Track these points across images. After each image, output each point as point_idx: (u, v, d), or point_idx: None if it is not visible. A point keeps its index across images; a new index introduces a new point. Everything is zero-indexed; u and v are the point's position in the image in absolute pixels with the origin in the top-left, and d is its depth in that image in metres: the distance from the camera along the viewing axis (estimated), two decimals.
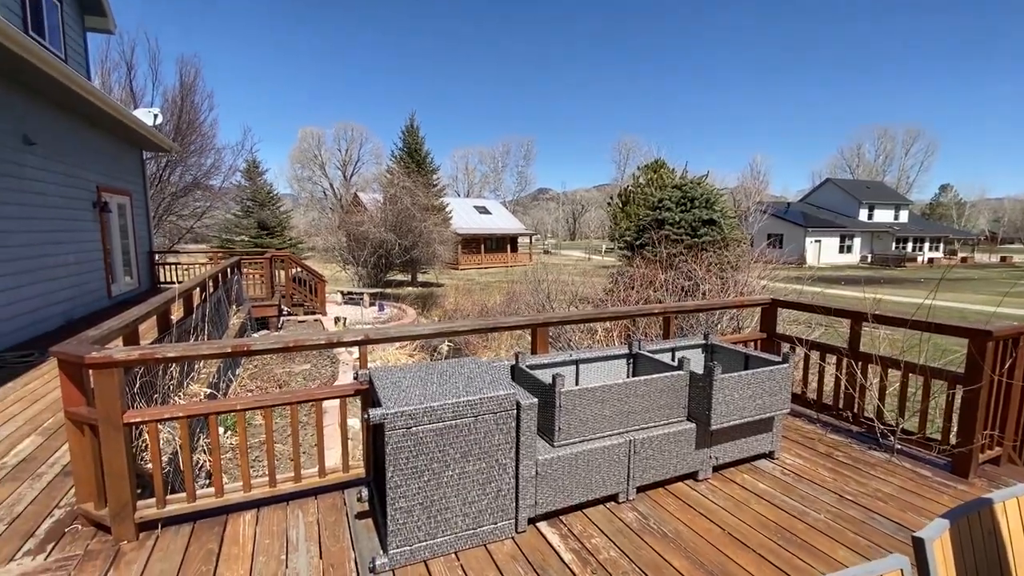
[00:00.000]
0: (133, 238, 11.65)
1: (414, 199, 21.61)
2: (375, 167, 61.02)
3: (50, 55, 6.14)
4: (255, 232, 24.46)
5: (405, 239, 20.99)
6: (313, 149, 60.56)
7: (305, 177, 60.43)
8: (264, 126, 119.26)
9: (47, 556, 2.31)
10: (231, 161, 21.46)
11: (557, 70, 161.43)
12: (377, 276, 21.70)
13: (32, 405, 4.31)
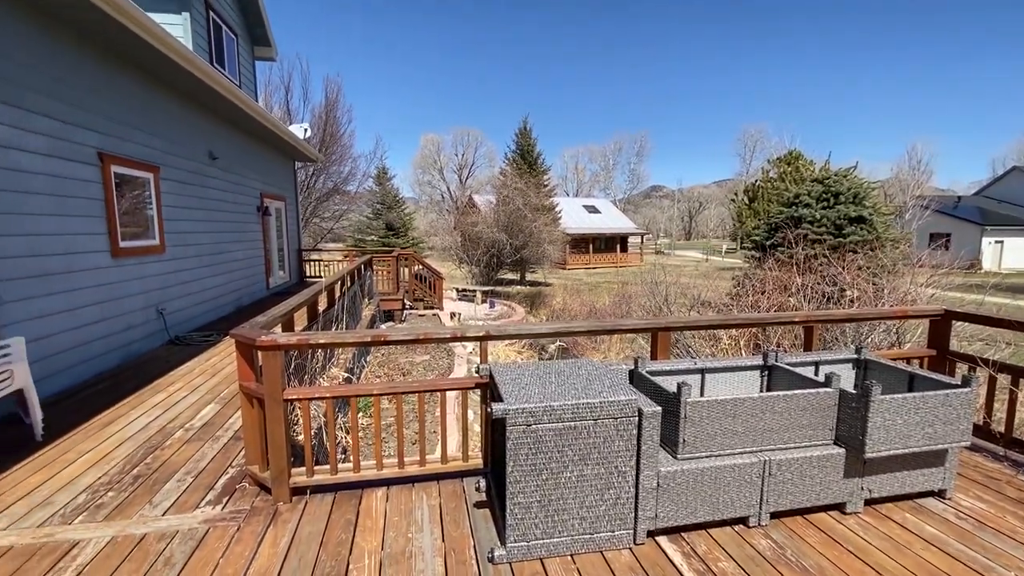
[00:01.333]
0: (286, 238, 13.39)
1: (525, 200, 22.04)
2: (488, 170, 63.32)
3: (230, 83, 7.28)
4: (383, 232, 26.74)
5: (516, 239, 21.49)
6: (433, 155, 64.51)
7: (425, 181, 64.57)
8: (393, 136, 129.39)
9: (223, 507, 2.73)
10: (364, 168, 23.74)
11: (673, 60, 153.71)
12: (488, 274, 22.51)
13: (212, 378, 5.13)
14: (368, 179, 25.42)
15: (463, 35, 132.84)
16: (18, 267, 4.20)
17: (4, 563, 2.27)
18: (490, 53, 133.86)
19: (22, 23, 4.28)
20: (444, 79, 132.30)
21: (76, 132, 4.96)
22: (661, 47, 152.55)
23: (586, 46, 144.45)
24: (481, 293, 17.45)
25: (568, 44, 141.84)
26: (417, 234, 29.86)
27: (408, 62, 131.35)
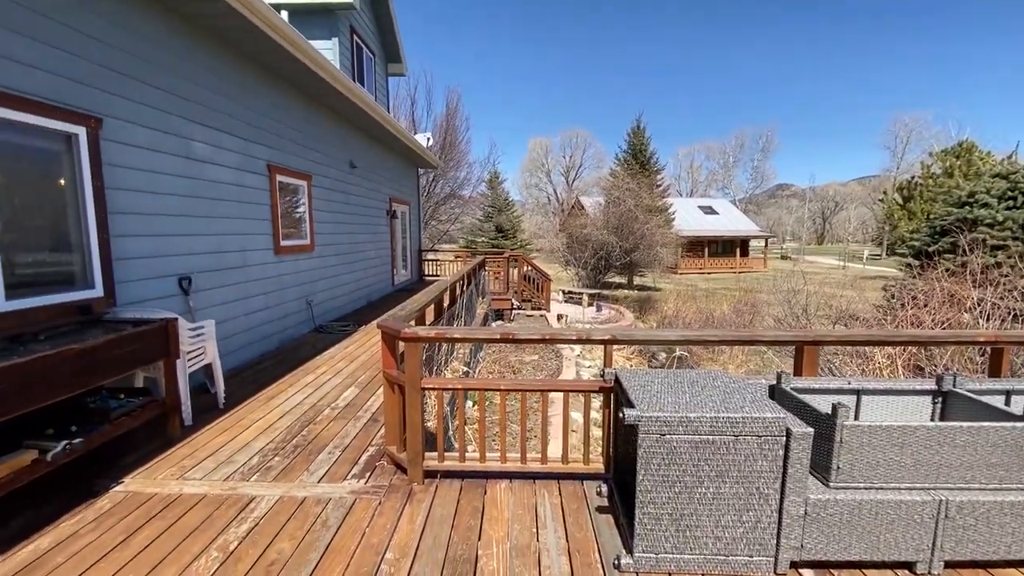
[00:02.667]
0: (409, 239, 14.46)
1: (637, 201, 21.40)
2: (596, 171, 62.48)
3: (370, 99, 8.05)
4: (492, 234, 27.72)
5: (626, 241, 20.96)
6: (540, 158, 65.29)
7: (532, 184, 65.55)
8: (504, 141, 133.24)
9: (366, 481, 3.02)
10: (479, 173, 24.81)
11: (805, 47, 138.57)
12: (596, 277, 22.23)
13: (350, 364, 5.71)
14: (481, 184, 26.53)
15: (574, 36, 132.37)
16: (209, 261, 5.04)
17: (201, 508, 2.73)
18: (603, 53, 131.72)
19: (219, 60, 5.13)
20: (556, 82, 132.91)
21: (253, 148, 5.83)
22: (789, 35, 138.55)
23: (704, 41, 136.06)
24: (588, 296, 17.29)
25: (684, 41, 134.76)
26: (525, 236, 30.47)
27: (521, 67, 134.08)
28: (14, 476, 2.44)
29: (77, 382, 2.72)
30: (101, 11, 3.70)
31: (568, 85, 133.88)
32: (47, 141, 3.33)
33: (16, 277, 3.09)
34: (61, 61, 3.38)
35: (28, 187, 3.22)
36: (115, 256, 3.82)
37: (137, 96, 4.05)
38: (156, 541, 2.43)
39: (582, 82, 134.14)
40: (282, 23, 5.07)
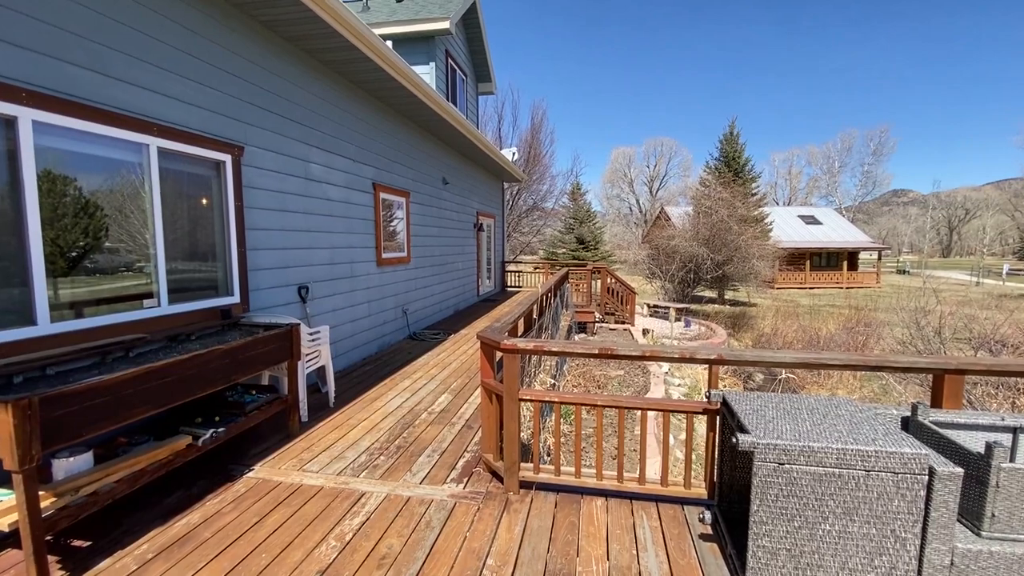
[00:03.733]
0: (493, 251, 14.83)
1: (731, 211, 20.26)
2: (681, 180, 60.17)
3: (463, 118, 8.43)
4: (574, 246, 27.59)
5: (718, 253, 19.88)
6: (623, 167, 64.08)
7: (614, 195, 64.45)
8: (586, 152, 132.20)
9: (464, 486, 3.13)
10: (561, 186, 24.90)
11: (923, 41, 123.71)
12: (683, 291, 21.30)
13: (442, 371, 5.95)
14: (563, 196, 26.58)
15: (663, 41, 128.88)
16: (323, 272, 5.53)
17: (319, 499, 2.98)
18: (693, 58, 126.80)
19: (334, 90, 5.66)
20: (642, 90, 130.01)
21: (361, 168, 6.34)
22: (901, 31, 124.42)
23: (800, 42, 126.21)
24: (675, 310, 16.60)
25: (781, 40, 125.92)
26: (607, 248, 29.97)
27: (606, 77, 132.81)
28: (173, 457, 2.83)
29: (223, 378, 3.11)
30: (249, 55, 4.24)
31: (655, 92, 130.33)
32: (201, 168, 3.87)
33: (175, 284, 3.61)
34: (214, 98, 3.92)
35: (186, 208, 3.75)
36: (250, 267, 4.32)
37: (269, 125, 4.58)
38: (284, 525, 2.69)
39: (669, 89, 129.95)
40: (396, 57, 5.49)
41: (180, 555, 2.43)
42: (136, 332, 3.21)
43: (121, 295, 3.27)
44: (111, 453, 2.74)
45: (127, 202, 3.28)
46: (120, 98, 3.13)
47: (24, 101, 2.59)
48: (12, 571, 2.31)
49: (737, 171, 31.42)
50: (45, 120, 2.69)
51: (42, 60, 2.69)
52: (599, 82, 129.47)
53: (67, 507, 2.29)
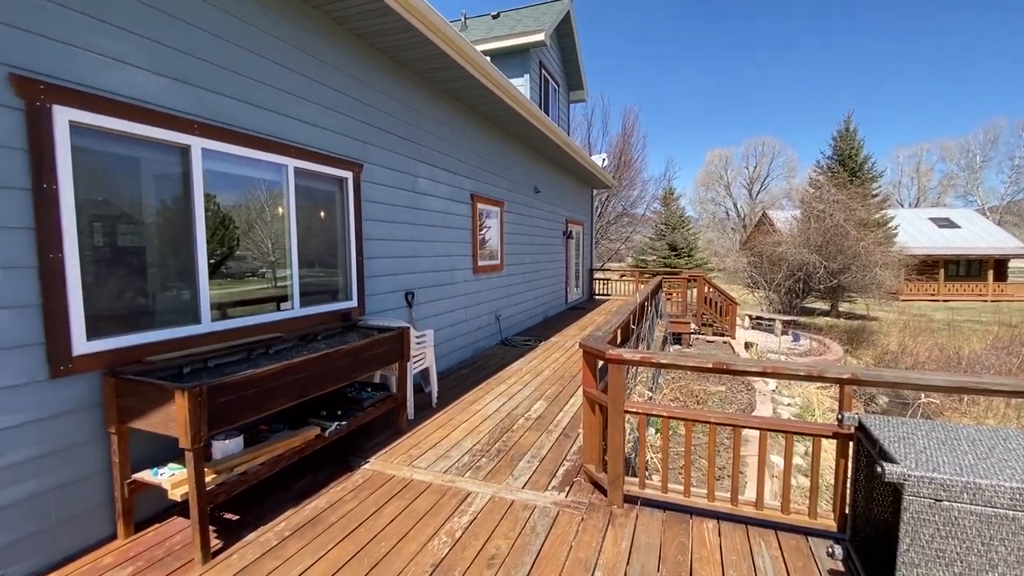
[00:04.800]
0: (581, 258, 14.73)
1: (847, 214, 18.31)
2: (785, 182, 55.61)
3: (557, 128, 8.50)
4: (665, 253, 26.61)
5: (833, 261, 18.03)
6: (719, 170, 60.58)
7: (708, 199, 61.07)
8: (678, 155, 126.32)
9: (566, 495, 3.12)
10: (653, 191, 24.16)
11: None
12: (791, 302, 19.60)
13: (536, 378, 6.01)
14: (655, 201, 25.74)
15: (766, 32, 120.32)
16: (426, 279, 5.84)
17: (428, 495, 3.14)
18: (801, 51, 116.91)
19: (439, 107, 5.99)
20: (740, 86, 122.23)
21: (460, 180, 6.63)
22: None
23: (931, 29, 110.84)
24: (781, 323, 15.32)
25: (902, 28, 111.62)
26: (703, 255, 28.50)
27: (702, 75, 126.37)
28: (305, 446, 3.14)
29: (346, 375, 3.39)
30: (368, 79, 4.63)
31: (755, 89, 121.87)
32: (327, 184, 4.28)
33: (305, 289, 4.01)
34: (339, 121, 4.32)
35: (314, 221, 4.16)
36: (365, 274, 4.68)
37: (383, 143, 4.96)
38: (398, 517, 2.86)
39: (771, 84, 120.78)
40: (500, 76, 5.71)
41: (312, 535, 2.68)
42: (274, 332, 3.61)
43: (262, 298, 3.70)
44: (255, 439, 3.10)
45: (268, 217, 3.72)
46: (266, 125, 3.57)
47: (195, 131, 3.04)
48: (179, 536, 2.68)
49: (854, 170, 28.45)
50: (210, 147, 3.14)
51: (207, 95, 3.15)
52: (694, 82, 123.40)
53: (223, 483, 2.63)
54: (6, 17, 2.22)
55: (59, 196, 2.38)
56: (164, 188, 3.02)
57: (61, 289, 2.39)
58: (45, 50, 2.35)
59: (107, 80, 2.60)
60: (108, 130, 2.61)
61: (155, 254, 2.95)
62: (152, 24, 2.80)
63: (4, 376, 2.23)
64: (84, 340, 2.48)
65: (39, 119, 2.31)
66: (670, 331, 11.05)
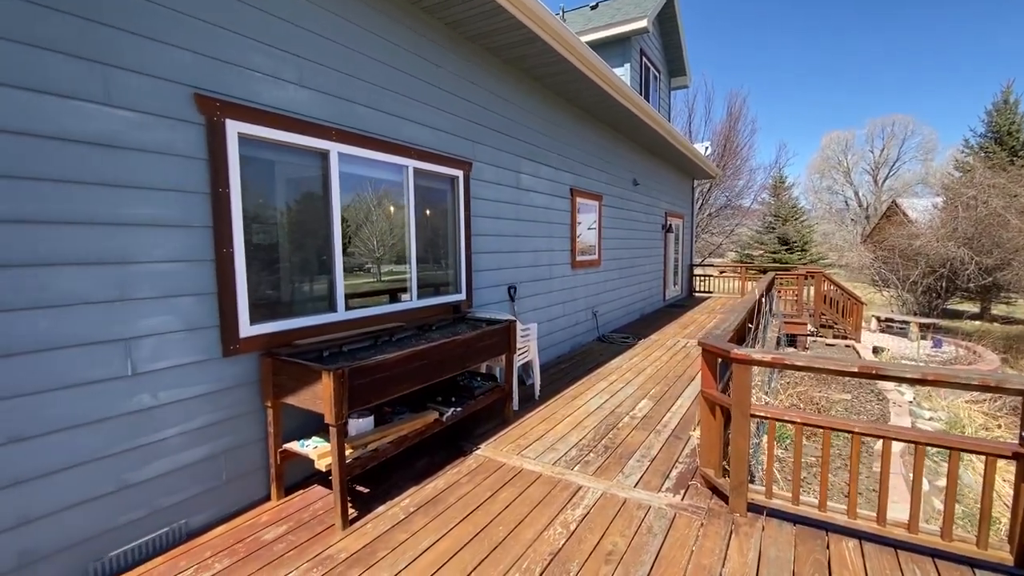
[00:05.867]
0: (681, 253, 14.06)
1: (1007, 200, 15.51)
2: (921, 166, 48.60)
3: (660, 116, 8.17)
4: (774, 247, 24.52)
5: (987, 256, 15.40)
6: (837, 155, 54.33)
7: (824, 187, 55.08)
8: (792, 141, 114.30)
9: (682, 498, 3.01)
10: (762, 180, 22.34)
11: None
12: (930, 303, 17.09)
13: (637, 376, 5.85)
14: (763, 191, 23.79)
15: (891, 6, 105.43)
16: (526, 273, 5.93)
17: (540, 485, 3.19)
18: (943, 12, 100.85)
19: (544, 103, 6.02)
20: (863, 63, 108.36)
21: (561, 174, 6.62)
22: None
23: None
24: (918, 326, 13.45)
25: None
26: (820, 249, 25.86)
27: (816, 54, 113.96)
28: (424, 429, 3.33)
29: (460, 364, 3.55)
30: (477, 79, 4.79)
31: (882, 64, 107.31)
32: (440, 183, 4.49)
33: (421, 282, 4.25)
34: (451, 122, 4.51)
35: (429, 218, 4.40)
36: (473, 269, 4.86)
37: (490, 141, 5.09)
38: (513, 504, 2.94)
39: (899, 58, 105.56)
40: (605, 68, 5.62)
41: (434, 513, 2.85)
42: (394, 321, 3.87)
43: (382, 289, 3.99)
44: (381, 420, 3.36)
45: (388, 214, 3.99)
46: (390, 128, 3.82)
47: (333, 137, 3.34)
48: (320, 502, 2.98)
49: (1015, 149, 24.11)
50: (345, 151, 3.43)
51: (342, 104, 3.44)
52: (810, 62, 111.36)
53: (359, 458, 2.88)
54: (192, 45, 2.59)
55: (230, 199, 2.74)
56: (306, 190, 3.35)
57: (231, 279, 2.76)
58: (220, 71, 2.71)
59: (266, 95, 2.94)
60: (265, 139, 2.95)
61: (299, 249, 3.29)
62: (298, 41, 3.12)
63: (190, 353, 2.63)
64: (248, 324, 2.84)
65: (216, 132, 2.68)
66: (783, 332, 10.19)
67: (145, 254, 2.43)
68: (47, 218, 2.11)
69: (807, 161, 67.99)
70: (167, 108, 2.50)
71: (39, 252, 2.10)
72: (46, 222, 2.11)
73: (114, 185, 2.31)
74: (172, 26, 2.50)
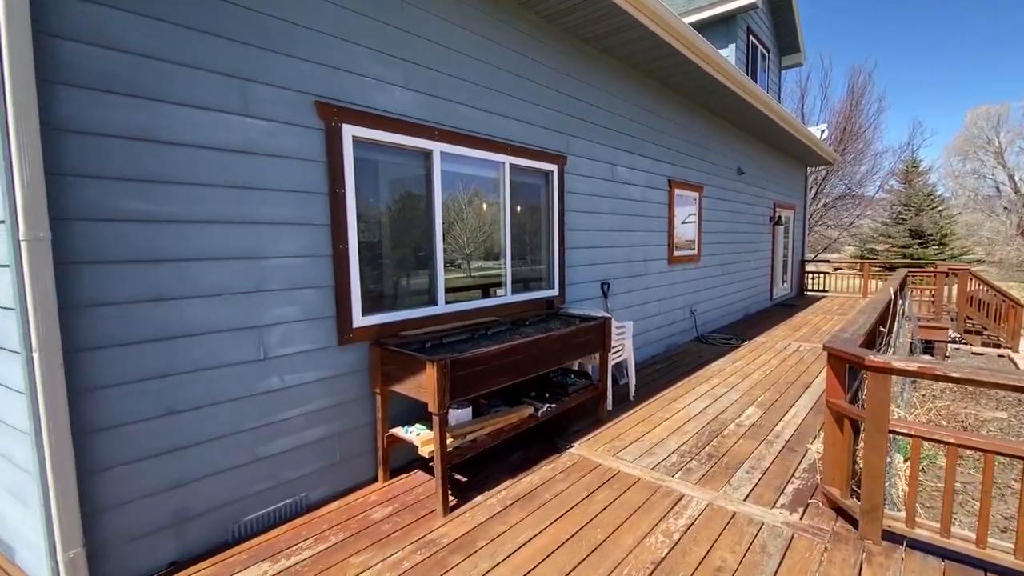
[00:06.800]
0: (791, 248, 12.86)
1: None
2: None
3: (771, 99, 7.49)
4: (904, 241, 21.58)
5: None
6: (984, 133, 46.36)
7: (967, 172, 47.36)
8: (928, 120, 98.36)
9: (800, 517, 2.73)
10: (890, 164, 19.74)
11: None
12: None
13: (743, 380, 5.43)
14: (892, 177, 20.97)
15: None
16: (620, 269, 5.74)
17: (638, 490, 3.06)
18: None
19: (641, 91, 5.78)
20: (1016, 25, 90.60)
21: (658, 165, 6.32)
22: None
23: None
24: None
25: None
26: (963, 243, 22.33)
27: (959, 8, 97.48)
28: (519, 423, 3.35)
29: (555, 360, 3.52)
30: (572, 72, 4.71)
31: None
32: (535, 178, 4.48)
33: (515, 277, 4.27)
34: (546, 116, 4.47)
35: (523, 213, 4.40)
36: (567, 264, 4.80)
37: (585, 134, 4.98)
38: (610, 506, 2.86)
39: None
40: (709, 48, 5.27)
41: (530, 508, 2.85)
42: (489, 315, 3.93)
43: (477, 284, 4.06)
44: (477, 412, 3.42)
45: (483, 210, 4.05)
46: (487, 125, 3.88)
47: (435, 137, 3.45)
48: (422, 487, 3.11)
49: None
50: (446, 150, 3.53)
51: (444, 104, 3.54)
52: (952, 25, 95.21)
53: (458, 448, 2.96)
54: (313, 56, 2.79)
55: (346, 198, 2.93)
56: (410, 188, 3.50)
57: (346, 273, 2.96)
58: (336, 79, 2.91)
59: (376, 99, 3.10)
60: (375, 141, 3.12)
61: (403, 245, 3.45)
62: (404, 46, 3.25)
63: (310, 341, 2.86)
64: (360, 315, 3.03)
65: (333, 137, 2.87)
66: (918, 337, 8.93)
67: (275, 250, 2.67)
68: (197, 218, 2.39)
69: (946, 142, 58.86)
70: (292, 116, 2.72)
71: (191, 248, 2.38)
72: (196, 221, 2.39)
73: (250, 188, 2.57)
74: (298, 40, 2.72)
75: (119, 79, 2.12)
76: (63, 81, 1.98)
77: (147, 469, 2.28)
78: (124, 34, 2.13)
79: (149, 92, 2.21)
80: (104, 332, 2.13)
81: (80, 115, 2.03)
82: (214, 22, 2.40)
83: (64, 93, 1.99)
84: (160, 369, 2.30)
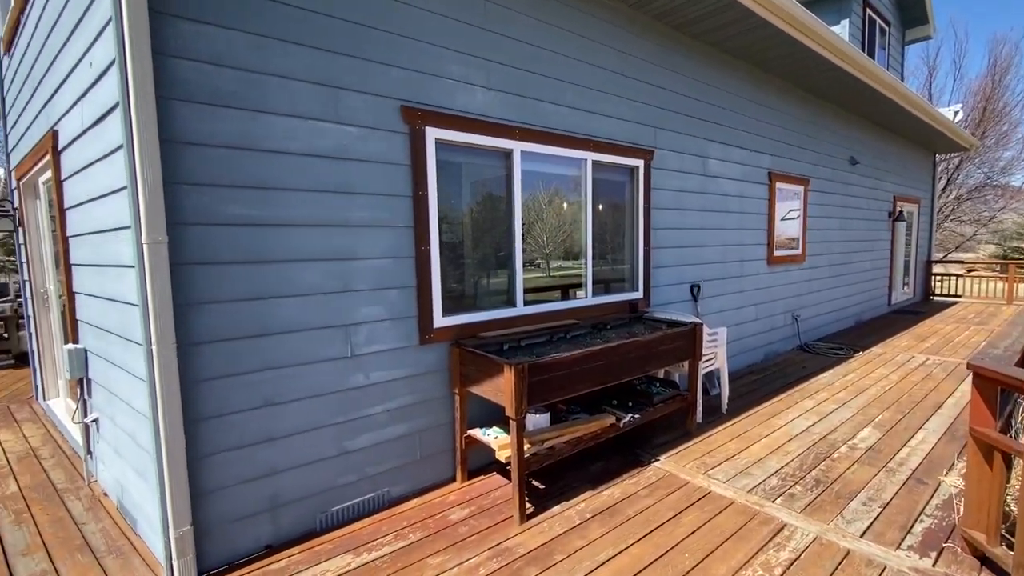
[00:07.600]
0: (914, 246, 11.33)
1: None
2: None
3: (890, 77, 6.60)
4: None
5: None
6: None
7: None
8: None
9: (933, 562, 2.32)
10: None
11: None
12: None
13: (856, 396, 4.81)
14: None
15: None
16: (712, 270, 5.34)
17: (732, 514, 2.79)
18: None
19: (734, 77, 5.34)
20: None
21: (757, 157, 5.81)
22: None
23: None
24: None
25: None
26: None
27: None
28: (600, 432, 3.20)
29: (639, 367, 3.33)
30: (661, 61, 4.44)
31: None
32: (619, 175, 4.28)
33: (596, 278, 4.11)
34: (633, 109, 4.25)
35: (605, 211, 4.23)
36: (652, 265, 4.54)
37: (674, 126, 4.68)
38: (700, 530, 2.62)
39: None
40: (819, 24, 4.74)
41: (611, 523, 2.70)
42: (569, 318, 3.81)
43: (556, 285, 3.96)
44: (556, 419, 3.32)
45: (563, 209, 3.93)
46: (569, 122, 3.75)
47: (516, 136, 3.40)
48: (499, 491, 3.07)
49: None
50: (527, 149, 3.47)
51: (525, 102, 3.47)
52: None
53: (536, 454, 2.88)
54: (399, 61, 2.85)
55: (428, 200, 2.97)
56: (489, 189, 3.48)
57: (428, 274, 2.99)
58: (420, 82, 2.94)
59: (458, 100, 3.11)
60: (456, 143, 3.13)
61: (482, 246, 3.44)
62: (486, 45, 3.23)
63: (394, 340, 2.92)
64: (440, 316, 3.05)
65: (417, 140, 2.92)
66: None
67: (362, 251, 2.76)
68: (293, 221, 2.53)
69: None
70: (380, 121, 2.79)
71: (289, 250, 2.52)
72: (293, 225, 2.53)
73: (340, 192, 2.67)
74: (385, 47, 2.78)
75: (226, 93, 2.29)
76: (179, 97, 2.17)
77: (247, 456, 2.44)
78: (230, 51, 2.29)
79: (252, 104, 2.37)
80: (213, 328, 2.31)
81: (193, 128, 2.21)
82: (311, 34, 2.52)
83: (180, 109, 2.17)
84: (260, 363, 2.45)
